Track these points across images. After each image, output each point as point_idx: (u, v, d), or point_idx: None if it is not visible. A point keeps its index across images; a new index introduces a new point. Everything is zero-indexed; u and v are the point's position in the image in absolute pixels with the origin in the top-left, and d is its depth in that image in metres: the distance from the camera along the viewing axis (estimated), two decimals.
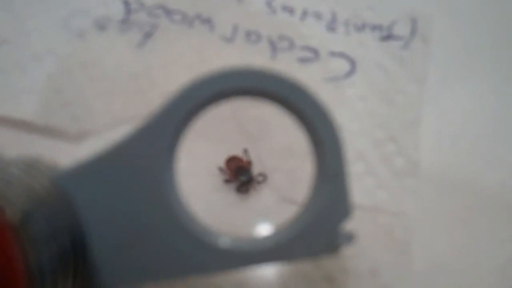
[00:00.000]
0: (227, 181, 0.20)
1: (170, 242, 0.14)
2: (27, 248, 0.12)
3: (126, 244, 0.14)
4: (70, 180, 0.14)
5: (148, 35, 0.23)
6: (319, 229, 0.14)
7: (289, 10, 0.24)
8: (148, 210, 0.14)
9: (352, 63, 0.23)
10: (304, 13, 0.24)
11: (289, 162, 0.20)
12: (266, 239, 0.14)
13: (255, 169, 0.20)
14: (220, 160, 0.20)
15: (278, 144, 0.21)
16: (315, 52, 0.23)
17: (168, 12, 0.24)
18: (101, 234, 0.14)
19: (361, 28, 0.24)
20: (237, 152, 0.21)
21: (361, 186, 0.20)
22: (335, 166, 0.14)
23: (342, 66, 0.23)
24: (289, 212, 0.15)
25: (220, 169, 0.20)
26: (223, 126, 0.21)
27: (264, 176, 0.20)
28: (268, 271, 0.18)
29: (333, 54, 0.23)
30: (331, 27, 0.24)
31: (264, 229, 0.19)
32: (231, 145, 0.21)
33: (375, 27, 0.24)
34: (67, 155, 0.20)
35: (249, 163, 0.20)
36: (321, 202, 0.14)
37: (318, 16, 0.24)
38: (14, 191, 0.13)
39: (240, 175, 0.20)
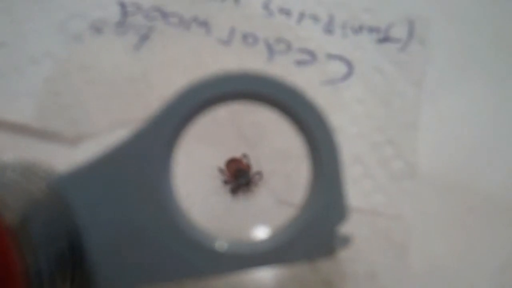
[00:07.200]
0: (225, 182, 0.20)
1: (167, 245, 0.14)
2: (26, 252, 0.12)
3: (123, 247, 0.14)
4: (67, 184, 0.14)
5: (144, 38, 0.23)
6: (316, 232, 0.14)
7: (286, 12, 0.24)
8: (145, 213, 0.14)
9: (350, 65, 0.23)
10: (301, 16, 0.24)
11: (286, 165, 0.20)
12: (263, 242, 0.14)
13: (253, 171, 0.20)
14: (218, 164, 0.20)
15: (275, 147, 0.21)
16: (312, 54, 0.23)
17: (165, 15, 0.24)
18: (98, 237, 0.14)
19: (358, 30, 0.24)
20: (234, 155, 0.21)
21: (359, 189, 0.20)
22: (331, 169, 0.14)
23: (339, 68, 0.23)
24: (286, 214, 0.15)
25: (220, 170, 0.20)
26: (220, 130, 0.21)
27: (260, 175, 0.20)
28: (265, 275, 0.18)
29: (330, 56, 0.23)
30: (328, 29, 0.24)
31: (261, 232, 0.19)
32: (228, 148, 0.21)
33: (372, 30, 0.24)
34: (64, 158, 0.20)
35: (248, 166, 0.20)
36: (317, 205, 0.14)
37: (315, 18, 0.24)
38: (12, 195, 0.13)
39: (239, 177, 0.20)
